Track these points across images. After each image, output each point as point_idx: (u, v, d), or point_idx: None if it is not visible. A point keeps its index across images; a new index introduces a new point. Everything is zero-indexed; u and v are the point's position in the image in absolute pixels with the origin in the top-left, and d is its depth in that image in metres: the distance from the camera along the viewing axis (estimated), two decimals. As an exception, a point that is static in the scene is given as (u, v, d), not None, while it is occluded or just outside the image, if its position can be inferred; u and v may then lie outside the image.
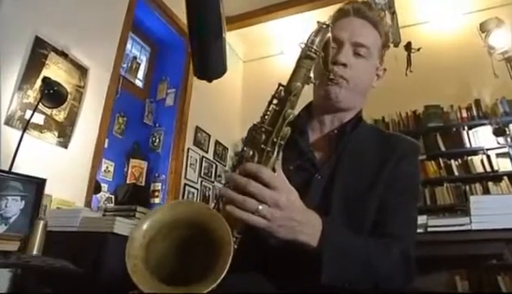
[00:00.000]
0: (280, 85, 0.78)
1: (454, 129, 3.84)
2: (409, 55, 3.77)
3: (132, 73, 4.05)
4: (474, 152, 3.70)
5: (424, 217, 1.69)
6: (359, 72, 0.97)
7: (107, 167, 3.62)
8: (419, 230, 1.68)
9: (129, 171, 3.75)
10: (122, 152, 3.80)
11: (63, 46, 2.61)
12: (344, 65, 0.95)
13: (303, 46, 0.78)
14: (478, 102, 3.86)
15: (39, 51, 2.44)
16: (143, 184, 3.83)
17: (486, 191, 3.51)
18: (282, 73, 0.81)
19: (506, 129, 3.58)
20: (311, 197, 0.87)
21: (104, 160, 3.46)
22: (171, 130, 4.09)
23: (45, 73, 2.43)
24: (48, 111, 2.43)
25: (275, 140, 0.72)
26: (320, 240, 0.72)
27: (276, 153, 0.72)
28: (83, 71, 2.75)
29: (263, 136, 0.73)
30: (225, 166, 4.85)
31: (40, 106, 2.27)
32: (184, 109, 4.13)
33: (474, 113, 3.82)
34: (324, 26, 0.80)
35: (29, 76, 2.36)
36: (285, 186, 0.71)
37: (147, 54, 4.43)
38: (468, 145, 3.72)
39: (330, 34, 0.81)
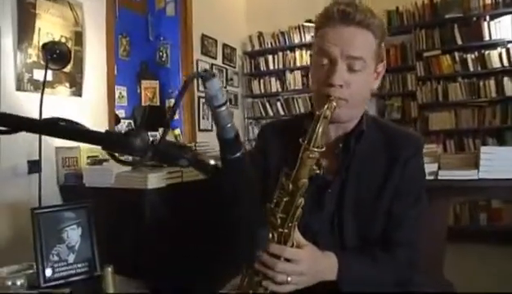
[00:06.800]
0: (285, 173, 0.86)
1: (474, 19, 3.59)
2: None
3: (126, -14, 3.75)
4: (493, 45, 3.52)
5: (436, 165, 1.80)
6: (357, 87, 0.94)
7: (120, 93, 3.66)
8: (429, 177, 1.80)
9: (142, 94, 3.78)
10: (131, 74, 3.78)
11: (50, -12, 2.39)
12: (341, 86, 0.92)
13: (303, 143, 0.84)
14: (506, -15, 3.49)
15: (26, 2, 2.27)
16: (158, 103, 3.89)
17: (500, 86, 3.47)
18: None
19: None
20: (325, 211, 0.99)
21: (116, 87, 3.47)
22: (177, 42, 3.96)
23: (39, 24, 2.31)
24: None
25: (290, 224, 0.85)
26: (338, 274, 0.90)
27: (293, 231, 0.86)
28: (77, 8, 2.58)
29: (279, 221, 0.86)
30: (234, 67, 4.78)
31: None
32: (187, 17, 3.92)
33: (500, -1, 3.49)
34: (322, 116, 0.84)
35: (24, 33, 2.24)
36: (305, 254, 0.86)
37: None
38: (487, 38, 3.51)
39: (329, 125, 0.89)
